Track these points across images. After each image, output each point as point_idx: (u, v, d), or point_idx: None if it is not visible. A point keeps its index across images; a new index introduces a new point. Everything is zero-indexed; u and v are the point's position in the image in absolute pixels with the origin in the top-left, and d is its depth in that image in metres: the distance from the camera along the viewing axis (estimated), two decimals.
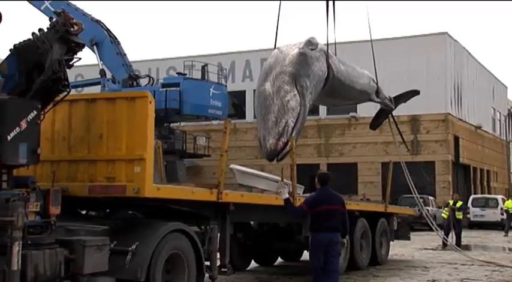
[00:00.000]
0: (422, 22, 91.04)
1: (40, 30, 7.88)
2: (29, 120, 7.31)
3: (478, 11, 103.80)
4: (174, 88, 31.78)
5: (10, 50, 7.91)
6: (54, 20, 7.87)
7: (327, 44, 13.22)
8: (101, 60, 31.69)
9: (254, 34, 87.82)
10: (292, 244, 14.05)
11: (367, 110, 31.19)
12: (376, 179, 37.94)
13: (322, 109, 38.41)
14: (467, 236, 28.40)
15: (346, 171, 36.66)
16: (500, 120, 52.07)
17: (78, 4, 31.62)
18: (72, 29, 7.75)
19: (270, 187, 11.92)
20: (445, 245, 21.40)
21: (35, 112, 7.43)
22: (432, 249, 21.66)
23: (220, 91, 34.07)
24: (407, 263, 16.86)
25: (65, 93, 8.06)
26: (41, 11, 31.58)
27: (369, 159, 38.44)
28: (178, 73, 34.80)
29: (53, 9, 31.47)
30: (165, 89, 31.57)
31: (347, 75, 14.07)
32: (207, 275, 9.57)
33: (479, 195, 39.19)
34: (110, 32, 32.60)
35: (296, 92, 12.15)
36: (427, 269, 15.59)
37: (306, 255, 16.58)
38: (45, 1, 31.79)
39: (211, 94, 33.04)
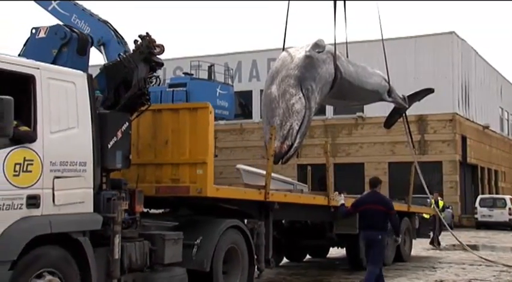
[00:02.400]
0: (430, 22, 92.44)
1: (125, 52, 9.70)
2: (123, 130, 9.03)
3: (485, 10, 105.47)
4: (181, 88, 33.13)
5: (100, 68, 9.71)
6: (139, 42, 9.68)
7: (335, 45, 13.70)
8: (108, 60, 33.24)
9: (261, 34, 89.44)
10: (323, 241, 15.76)
11: (374, 109, 32.47)
12: (383, 178, 38.73)
13: (329, 109, 39.64)
14: (475, 236, 29.64)
15: (353, 171, 37.66)
16: (508, 120, 53.03)
17: (86, 4, 33.16)
18: (155, 51, 9.59)
19: (277, 187, 13.39)
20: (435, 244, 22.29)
21: (127, 123, 9.19)
22: (440, 249, 22.60)
23: (226, 91, 35.55)
24: (415, 263, 17.50)
25: (146, 105, 9.81)
26: (48, 11, 33.03)
27: (376, 159, 39.74)
28: (185, 73, 36.17)
29: (60, 10, 33.00)
30: (171, 89, 32.83)
31: (356, 76, 14.56)
32: None
33: (486, 196, 40.30)
34: (117, 32, 34.11)
35: (301, 95, 12.66)
36: (435, 269, 16.29)
37: (331, 252, 18.26)
38: (53, 1, 33.18)
39: (217, 94, 34.45)
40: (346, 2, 14.69)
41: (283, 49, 13.79)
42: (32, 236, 7.31)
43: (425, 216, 21.43)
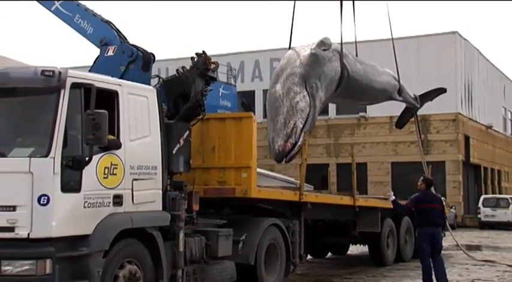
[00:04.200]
0: (433, 21, 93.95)
1: (183, 68, 11.32)
2: (184, 137, 10.65)
3: (488, 10, 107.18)
4: None
5: (160, 82, 11.30)
6: (195, 59, 11.30)
7: (341, 43, 14.09)
8: None
9: (263, 34, 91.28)
10: (346, 239, 17.43)
11: (377, 109, 33.73)
12: (386, 178, 40.40)
13: (332, 109, 41.02)
14: (478, 236, 30.61)
15: (356, 171, 39.15)
16: (511, 120, 54.19)
17: (88, 4, 34.47)
18: (210, 67, 11.21)
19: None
20: None
21: (188, 131, 10.81)
22: (443, 249, 23.77)
23: (229, 91, 36.92)
24: (418, 264, 17.50)
25: (202, 115, 11.41)
26: (51, 11, 34.28)
27: (379, 159, 41.02)
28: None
29: (63, 10, 34.49)
30: None
31: (364, 74, 14.94)
32: None
33: (490, 195, 41.49)
34: (120, 32, 35.50)
35: (306, 93, 13.02)
36: None
37: (351, 249, 19.79)
38: (56, 1, 34.45)
39: (220, 94, 35.71)
40: (353, 1, 15.43)
41: (289, 48, 14.30)
42: (119, 230, 8.91)
43: None
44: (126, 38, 32.27)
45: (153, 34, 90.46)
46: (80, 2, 29.82)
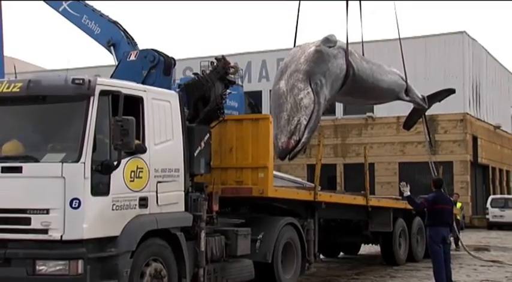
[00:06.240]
0: (440, 21, 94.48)
1: (203, 72, 11.83)
2: (205, 140, 11.20)
3: (496, 10, 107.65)
4: None
5: (180, 86, 11.79)
6: (215, 64, 11.81)
7: (347, 41, 14.08)
8: (118, 60, 34.89)
9: (270, 34, 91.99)
10: (358, 238, 17.99)
11: (384, 110, 34.22)
12: (393, 179, 40.20)
13: (339, 109, 41.48)
14: (486, 237, 31.06)
15: (363, 172, 39.41)
16: None
17: (96, 5, 34.80)
18: (229, 71, 11.72)
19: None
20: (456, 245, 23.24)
21: (208, 134, 11.33)
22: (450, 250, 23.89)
23: (236, 91, 37.41)
24: (426, 264, 17.51)
25: (221, 118, 11.97)
26: (59, 12, 34.59)
27: (386, 160, 41.32)
28: (195, 74, 37.90)
29: (71, 11, 34.88)
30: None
31: (370, 73, 14.89)
32: None
33: (498, 196, 41.85)
34: (127, 33, 35.87)
35: (310, 89, 12.99)
36: None
37: (363, 249, 20.27)
38: (63, 2, 34.77)
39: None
40: (355, 1, 15.30)
41: (294, 46, 14.31)
42: (145, 231, 9.43)
43: None
44: (133, 38, 32.75)
45: (159, 34, 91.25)
46: (87, 2, 30.01)
